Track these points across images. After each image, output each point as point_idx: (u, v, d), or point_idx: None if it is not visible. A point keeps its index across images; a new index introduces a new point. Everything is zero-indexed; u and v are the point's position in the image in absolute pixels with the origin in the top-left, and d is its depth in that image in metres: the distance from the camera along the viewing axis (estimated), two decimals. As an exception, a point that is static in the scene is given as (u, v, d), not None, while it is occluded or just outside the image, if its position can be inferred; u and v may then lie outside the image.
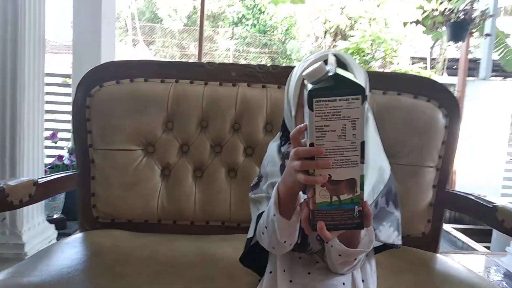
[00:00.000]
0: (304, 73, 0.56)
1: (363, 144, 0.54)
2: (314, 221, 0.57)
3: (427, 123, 1.24)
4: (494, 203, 1.06)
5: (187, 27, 13.18)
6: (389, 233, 0.81)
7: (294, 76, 0.83)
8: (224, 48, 12.14)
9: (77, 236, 1.17)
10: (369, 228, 0.67)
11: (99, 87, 1.27)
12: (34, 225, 1.65)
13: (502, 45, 7.20)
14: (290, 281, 0.78)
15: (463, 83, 3.93)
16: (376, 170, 0.82)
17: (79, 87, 1.27)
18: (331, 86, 0.54)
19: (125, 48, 11.27)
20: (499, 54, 7.47)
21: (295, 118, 0.81)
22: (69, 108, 3.43)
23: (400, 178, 1.21)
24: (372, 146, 0.83)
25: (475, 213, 1.16)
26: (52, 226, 1.79)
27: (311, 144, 0.55)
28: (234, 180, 1.27)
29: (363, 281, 0.81)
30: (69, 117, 3.59)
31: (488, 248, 2.74)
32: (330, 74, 0.55)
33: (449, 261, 1.16)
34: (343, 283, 0.78)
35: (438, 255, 1.20)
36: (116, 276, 0.92)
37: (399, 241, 0.83)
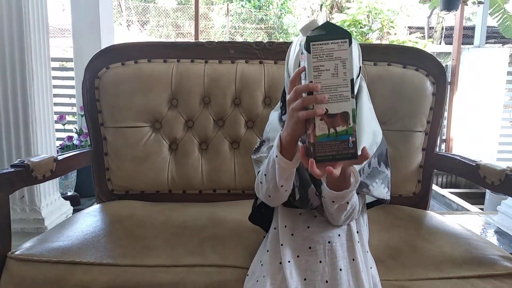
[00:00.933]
0: (300, 28, 0.67)
1: (352, 80, 0.63)
2: (315, 154, 0.65)
3: (415, 91, 1.32)
4: (477, 161, 1.15)
5: (181, 5, 13.01)
6: (381, 189, 0.90)
7: (293, 50, 0.89)
8: (219, 25, 12.02)
9: (96, 207, 1.27)
10: (355, 171, 0.76)
11: (106, 69, 1.35)
12: (51, 202, 1.76)
13: (500, 11, 7.15)
14: (292, 234, 0.88)
15: (458, 51, 3.98)
16: (370, 133, 0.90)
17: (87, 69, 1.35)
18: (324, 34, 0.64)
19: (120, 29, 11.18)
20: (497, 21, 7.42)
21: None
22: (70, 91, 3.49)
23: (392, 142, 1.31)
24: (366, 113, 0.90)
25: (461, 171, 1.25)
26: (68, 203, 1.91)
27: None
28: (237, 151, 1.36)
29: (357, 232, 0.90)
30: (69, 100, 3.66)
31: (482, 209, 2.86)
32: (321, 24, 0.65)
33: (438, 216, 1.26)
34: (339, 235, 0.87)
35: (428, 211, 1.31)
36: (136, 238, 1.03)
37: (388, 197, 0.92)
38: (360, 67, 0.89)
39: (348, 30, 0.77)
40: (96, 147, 1.35)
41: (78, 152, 1.30)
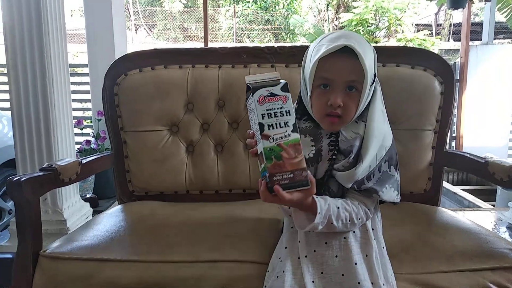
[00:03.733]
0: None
1: (259, 124, 0.74)
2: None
3: (424, 91, 1.36)
4: (486, 158, 1.18)
5: (188, 8, 13.11)
6: (390, 193, 0.92)
7: (309, 59, 0.90)
8: (226, 27, 12.10)
9: (118, 207, 1.32)
10: (315, 206, 0.82)
11: (124, 76, 1.41)
12: (72, 204, 1.83)
13: (508, 7, 7.09)
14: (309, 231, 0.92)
15: (466, 48, 3.98)
16: (380, 138, 0.91)
17: (106, 77, 1.41)
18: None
19: (128, 34, 11.30)
20: (506, 16, 7.36)
21: (311, 98, 0.90)
22: (82, 96, 3.56)
23: (402, 141, 1.34)
24: (378, 116, 0.92)
25: (470, 168, 1.29)
26: (87, 204, 1.97)
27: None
28: (252, 152, 1.41)
29: (372, 229, 0.94)
30: (81, 105, 3.74)
31: (494, 206, 2.87)
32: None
33: (449, 212, 1.30)
34: (353, 232, 0.91)
35: (438, 207, 1.34)
36: (158, 236, 1.08)
37: (398, 199, 0.94)
38: (375, 73, 0.90)
39: (350, 38, 0.85)
40: (116, 150, 1.41)
41: (100, 155, 1.36)
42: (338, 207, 0.85)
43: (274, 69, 1.42)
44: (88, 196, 2.28)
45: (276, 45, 1.47)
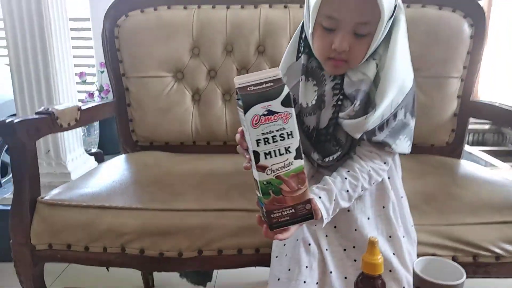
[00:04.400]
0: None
1: (253, 152, 0.58)
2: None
3: (452, 34, 1.24)
4: (518, 107, 1.09)
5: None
6: (403, 144, 0.80)
7: None
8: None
9: (121, 157, 1.26)
10: (321, 210, 0.72)
11: (125, 17, 1.31)
12: (76, 157, 1.78)
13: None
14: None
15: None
16: (400, 82, 0.77)
17: (105, 18, 1.31)
18: None
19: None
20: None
21: (312, 36, 0.77)
22: (83, 52, 3.43)
23: (425, 90, 1.24)
24: (400, 54, 0.76)
25: (500, 119, 1.21)
26: (92, 158, 1.92)
27: None
28: (262, 101, 1.32)
29: (389, 178, 0.86)
30: (83, 61, 3.61)
31: None
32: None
33: (472, 165, 1.22)
34: None
35: (461, 160, 1.26)
36: (163, 184, 1.02)
37: (409, 150, 0.82)
38: (396, 5, 0.73)
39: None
40: (118, 98, 1.33)
41: (101, 102, 1.30)
42: (348, 190, 0.76)
43: (287, 10, 1.30)
44: (93, 150, 2.23)
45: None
